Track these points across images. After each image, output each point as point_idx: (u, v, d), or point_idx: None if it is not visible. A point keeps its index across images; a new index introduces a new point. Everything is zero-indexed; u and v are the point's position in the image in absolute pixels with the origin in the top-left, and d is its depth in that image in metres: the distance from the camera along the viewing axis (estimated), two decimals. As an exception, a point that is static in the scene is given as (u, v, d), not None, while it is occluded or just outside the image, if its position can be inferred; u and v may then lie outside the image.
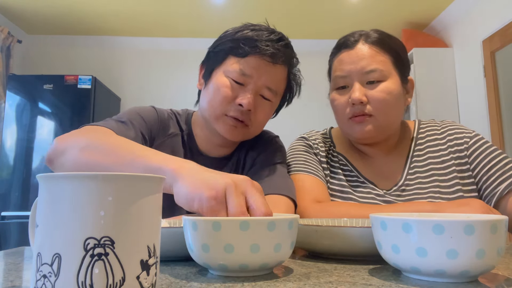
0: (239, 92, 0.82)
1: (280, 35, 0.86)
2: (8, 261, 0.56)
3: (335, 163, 0.95)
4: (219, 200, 0.48)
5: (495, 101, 2.75)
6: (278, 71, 0.84)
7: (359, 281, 0.43)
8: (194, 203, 0.49)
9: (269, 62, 0.82)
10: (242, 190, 0.50)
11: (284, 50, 0.84)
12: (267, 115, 0.88)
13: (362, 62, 0.86)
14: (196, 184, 0.50)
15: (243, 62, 0.82)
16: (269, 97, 0.85)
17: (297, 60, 0.91)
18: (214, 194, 0.48)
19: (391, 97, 0.85)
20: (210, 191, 0.48)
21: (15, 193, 2.99)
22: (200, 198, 0.48)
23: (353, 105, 0.86)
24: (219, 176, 0.51)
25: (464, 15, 3.10)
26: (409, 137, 0.97)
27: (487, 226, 0.40)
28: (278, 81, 0.85)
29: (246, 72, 0.81)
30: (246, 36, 0.83)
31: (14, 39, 3.38)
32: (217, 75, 0.85)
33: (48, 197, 0.32)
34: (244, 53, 0.82)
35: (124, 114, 0.85)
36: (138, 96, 3.80)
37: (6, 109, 3.09)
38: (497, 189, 0.82)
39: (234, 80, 0.82)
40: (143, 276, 0.33)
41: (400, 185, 0.88)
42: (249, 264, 0.43)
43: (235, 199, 0.48)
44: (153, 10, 3.31)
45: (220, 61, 0.85)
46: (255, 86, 0.82)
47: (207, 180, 0.50)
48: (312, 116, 3.52)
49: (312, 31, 3.69)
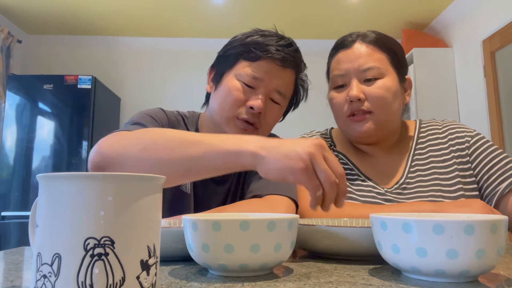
0: (250, 95, 0.83)
1: (290, 41, 0.88)
2: (8, 261, 0.56)
3: None
4: (309, 170, 0.53)
5: (495, 101, 2.75)
6: (287, 75, 0.86)
7: (359, 281, 0.43)
8: (289, 177, 0.54)
9: (280, 66, 0.84)
10: (322, 155, 0.55)
11: (293, 55, 0.86)
12: (276, 118, 0.90)
13: (359, 60, 0.87)
14: (284, 160, 0.54)
15: (254, 66, 0.83)
16: (278, 100, 0.86)
17: (304, 65, 0.93)
18: (304, 166, 0.53)
19: (389, 94, 0.86)
20: (299, 164, 0.53)
21: (15, 193, 2.99)
22: (293, 171, 0.53)
23: (351, 103, 0.87)
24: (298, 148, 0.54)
25: (464, 15, 3.10)
26: (410, 136, 0.97)
27: (487, 226, 0.40)
28: (287, 85, 0.87)
29: (258, 75, 0.83)
30: (257, 41, 0.85)
31: (14, 39, 3.38)
32: (228, 78, 0.86)
33: (48, 197, 0.32)
34: (256, 57, 0.83)
35: (134, 117, 0.83)
36: (138, 96, 3.80)
37: (6, 109, 3.09)
38: (498, 188, 0.82)
39: (245, 83, 0.83)
40: (143, 276, 0.33)
41: (401, 183, 0.88)
42: (249, 264, 0.43)
43: (321, 166, 0.53)
44: (153, 10, 3.31)
45: (231, 65, 0.87)
46: (265, 90, 0.84)
47: (291, 155, 0.54)
48: (312, 116, 3.52)
49: (312, 31, 3.69)
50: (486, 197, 0.85)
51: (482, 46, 2.87)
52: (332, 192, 0.54)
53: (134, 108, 3.71)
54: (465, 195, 0.84)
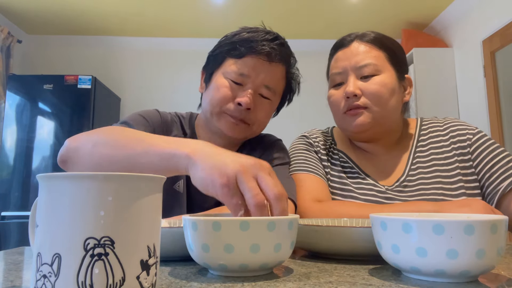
0: (238, 92, 0.85)
1: (275, 35, 0.88)
2: (8, 261, 0.56)
3: (335, 160, 0.95)
4: (231, 186, 0.49)
5: (495, 101, 2.75)
6: (275, 70, 0.87)
7: (359, 281, 0.43)
8: (209, 189, 0.51)
9: (266, 61, 0.85)
10: (253, 174, 0.50)
11: (279, 48, 0.86)
12: (268, 114, 0.90)
13: (356, 57, 0.88)
14: (208, 170, 0.51)
15: (240, 63, 0.85)
16: (268, 95, 0.87)
17: (294, 59, 0.93)
18: (226, 181, 0.49)
19: (385, 89, 0.86)
20: (222, 178, 0.49)
21: (15, 193, 2.99)
22: (214, 184, 0.50)
23: (348, 99, 0.87)
24: (229, 160, 0.51)
25: (464, 15, 3.10)
26: (411, 134, 0.97)
27: (487, 226, 0.40)
28: (276, 79, 0.88)
29: (244, 72, 0.84)
30: (243, 38, 0.86)
31: (14, 39, 3.38)
32: (216, 77, 0.87)
33: (48, 197, 0.32)
34: (241, 54, 0.85)
35: (125, 117, 0.87)
36: (138, 96, 3.80)
37: (6, 109, 3.09)
38: (499, 187, 0.82)
39: (232, 80, 0.85)
40: (143, 276, 0.33)
41: (401, 181, 0.88)
42: (249, 264, 0.43)
43: (247, 184, 0.49)
44: (153, 10, 3.31)
45: (218, 63, 0.88)
46: (253, 85, 0.85)
47: (218, 166, 0.51)
48: (312, 116, 3.52)
49: (312, 31, 3.69)
50: (487, 196, 0.85)
51: (482, 46, 2.87)
52: (259, 214, 0.47)
53: (134, 108, 3.71)
54: (467, 193, 0.84)
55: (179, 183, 0.87)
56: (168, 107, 1.00)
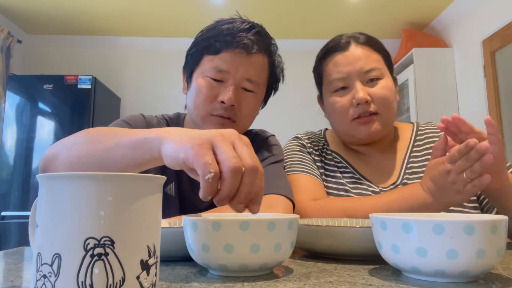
0: (220, 89, 0.82)
1: (251, 24, 0.85)
2: (8, 261, 0.56)
3: (329, 161, 0.95)
4: (204, 146, 0.44)
5: (495, 101, 2.75)
6: (255, 61, 0.83)
7: (359, 281, 0.43)
8: (180, 155, 0.45)
9: (244, 54, 0.81)
10: (231, 140, 0.46)
11: (256, 38, 0.83)
12: (253, 108, 0.87)
13: (360, 62, 0.87)
14: (182, 139, 0.46)
15: (217, 59, 0.82)
16: (251, 88, 0.84)
17: (275, 45, 0.90)
18: (199, 141, 0.44)
19: (391, 94, 0.88)
20: (196, 140, 0.44)
21: (15, 193, 2.99)
22: (185, 149, 0.44)
23: (358, 105, 0.86)
24: (205, 131, 0.47)
25: (464, 15, 3.10)
26: (407, 137, 0.97)
27: (487, 226, 0.40)
28: (257, 71, 0.84)
29: (222, 68, 0.81)
30: (217, 32, 0.83)
31: (14, 39, 3.38)
32: (196, 77, 0.85)
33: (48, 197, 0.32)
34: (217, 50, 0.82)
35: (111, 124, 0.84)
36: (138, 96, 3.80)
37: (6, 109, 3.09)
38: None
39: (212, 78, 0.82)
40: (143, 276, 0.33)
41: (397, 184, 0.88)
42: (249, 264, 0.43)
43: (223, 146, 0.44)
44: (153, 10, 3.31)
45: (197, 62, 0.86)
46: (234, 81, 0.82)
47: (192, 135, 0.46)
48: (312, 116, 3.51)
49: (312, 31, 3.69)
50: (483, 200, 0.85)
51: (482, 46, 2.87)
52: (232, 181, 0.42)
53: (134, 108, 3.71)
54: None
55: (170, 186, 0.86)
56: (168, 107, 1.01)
